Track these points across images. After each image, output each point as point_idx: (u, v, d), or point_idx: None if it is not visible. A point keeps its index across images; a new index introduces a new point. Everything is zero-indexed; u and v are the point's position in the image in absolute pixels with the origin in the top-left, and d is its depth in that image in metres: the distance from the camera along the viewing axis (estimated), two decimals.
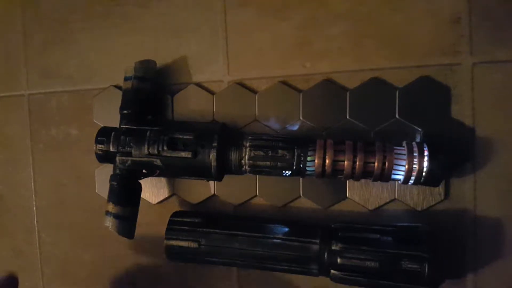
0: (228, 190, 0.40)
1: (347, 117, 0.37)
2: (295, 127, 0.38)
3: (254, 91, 0.39)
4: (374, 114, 0.36)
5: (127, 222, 0.36)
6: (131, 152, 0.35)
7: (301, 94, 0.38)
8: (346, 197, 0.37)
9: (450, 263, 0.35)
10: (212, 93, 0.40)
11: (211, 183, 0.40)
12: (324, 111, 0.37)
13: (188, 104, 0.40)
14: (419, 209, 0.36)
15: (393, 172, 0.32)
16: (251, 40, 0.39)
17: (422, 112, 0.35)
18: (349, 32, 0.37)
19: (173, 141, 0.34)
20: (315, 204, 0.38)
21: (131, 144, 0.35)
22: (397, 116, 0.36)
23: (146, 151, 0.35)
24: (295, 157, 0.33)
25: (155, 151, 0.34)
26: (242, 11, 0.39)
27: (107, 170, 0.40)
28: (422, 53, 0.35)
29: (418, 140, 0.35)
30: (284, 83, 0.38)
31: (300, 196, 0.38)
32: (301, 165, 0.33)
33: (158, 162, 0.35)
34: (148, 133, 0.35)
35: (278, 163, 0.33)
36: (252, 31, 0.39)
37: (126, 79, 0.38)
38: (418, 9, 0.35)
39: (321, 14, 0.37)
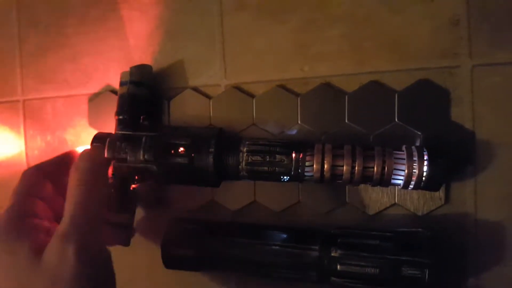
0: (226, 196, 0.39)
1: (346, 121, 0.36)
2: (294, 132, 0.37)
3: (252, 95, 0.39)
4: (373, 117, 0.36)
5: (123, 229, 0.35)
6: (127, 158, 0.34)
7: (299, 98, 0.37)
8: (346, 202, 0.37)
9: (451, 268, 0.35)
10: (209, 97, 0.40)
11: (209, 188, 0.40)
12: (322, 115, 0.37)
13: (185, 109, 0.40)
14: (420, 213, 0.35)
15: (393, 177, 0.31)
16: (248, 43, 0.39)
17: (422, 115, 0.35)
18: (347, 35, 0.37)
19: (169, 146, 0.34)
20: (314, 209, 0.37)
21: (126, 150, 0.35)
22: (396, 119, 0.35)
23: (141, 157, 0.34)
24: (293, 162, 0.32)
25: (151, 157, 0.34)
26: (239, 14, 0.39)
27: None
28: (421, 56, 0.35)
29: (417, 144, 0.35)
30: (282, 87, 0.38)
31: (299, 201, 0.38)
32: (299, 170, 0.32)
33: (154, 168, 0.34)
34: (144, 139, 0.35)
35: (276, 168, 0.33)
36: (249, 35, 0.39)
37: (121, 84, 0.38)
38: (416, 11, 0.35)
39: (318, 17, 0.37)
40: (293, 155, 0.32)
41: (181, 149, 0.34)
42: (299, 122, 0.37)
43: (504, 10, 0.34)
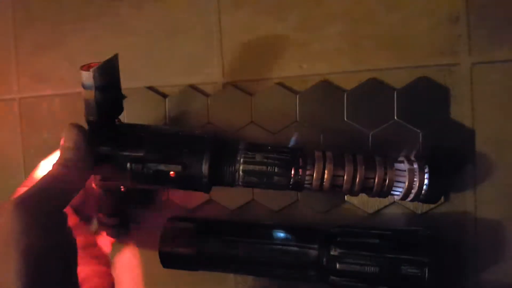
0: (223, 195, 0.39)
1: (345, 118, 0.36)
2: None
3: (250, 93, 0.38)
4: (372, 115, 0.35)
5: (115, 229, 0.35)
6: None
7: (297, 96, 0.37)
8: (345, 201, 0.37)
9: (450, 267, 0.35)
10: (206, 95, 0.39)
11: None
12: (321, 113, 0.37)
13: (182, 107, 0.40)
14: (419, 212, 0.35)
15: (393, 189, 0.30)
16: (247, 41, 0.39)
17: (421, 113, 0.35)
18: (346, 32, 0.36)
19: (158, 175, 0.31)
20: (313, 208, 0.37)
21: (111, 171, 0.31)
22: (395, 117, 0.35)
23: (128, 180, 0.31)
24: (292, 179, 0.31)
25: (139, 182, 0.31)
26: (237, 11, 0.39)
27: None
28: (420, 54, 0.35)
29: (417, 142, 0.34)
30: (281, 84, 0.38)
31: (297, 200, 0.38)
32: (298, 180, 0.31)
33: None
34: (128, 165, 0.31)
35: (275, 177, 0.31)
36: (247, 32, 0.38)
37: (85, 87, 0.31)
38: (415, 8, 0.35)
39: (317, 15, 0.37)
40: (292, 165, 0.30)
41: (171, 173, 0.31)
42: (297, 120, 0.37)
43: (503, 8, 0.33)
